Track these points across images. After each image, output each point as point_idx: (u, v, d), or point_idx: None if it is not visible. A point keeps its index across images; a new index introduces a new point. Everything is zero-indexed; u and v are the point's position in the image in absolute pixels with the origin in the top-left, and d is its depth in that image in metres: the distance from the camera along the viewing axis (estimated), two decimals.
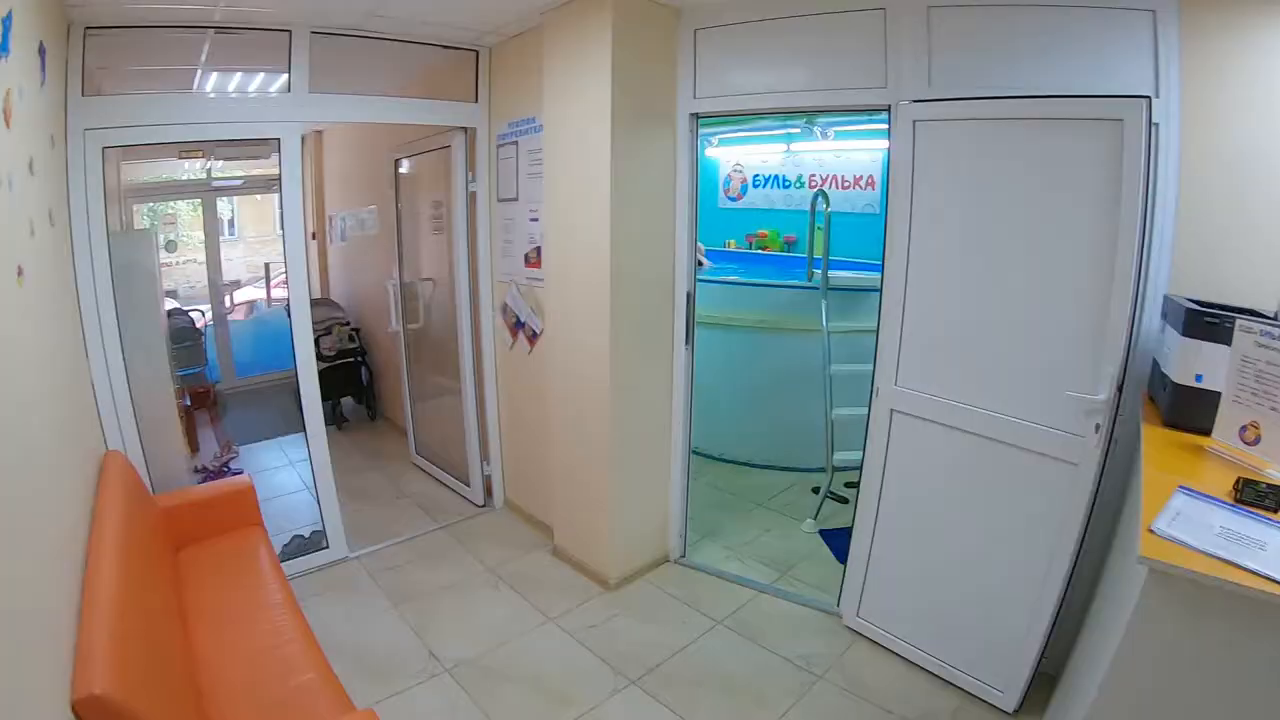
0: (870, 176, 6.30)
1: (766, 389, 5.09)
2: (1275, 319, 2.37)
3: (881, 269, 3.07)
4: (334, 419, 6.12)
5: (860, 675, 3.11)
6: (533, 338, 4.10)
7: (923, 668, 3.12)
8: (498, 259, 4.32)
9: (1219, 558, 1.59)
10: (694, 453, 4.00)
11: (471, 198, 4.29)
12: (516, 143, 4.01)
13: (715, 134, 6.72)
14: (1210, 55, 2.62)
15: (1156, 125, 2.59)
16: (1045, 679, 2.91)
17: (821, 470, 4.52)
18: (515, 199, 4.07)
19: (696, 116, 3.53)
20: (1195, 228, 2.70)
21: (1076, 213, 2.54)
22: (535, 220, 3.92)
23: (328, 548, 3.92)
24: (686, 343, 3.71)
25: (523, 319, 4.16)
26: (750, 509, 4.65)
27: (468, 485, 4.71)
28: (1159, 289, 2.73)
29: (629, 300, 3.44)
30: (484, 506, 4.64)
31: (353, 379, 6.31)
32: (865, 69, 3.05)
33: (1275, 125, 2.58)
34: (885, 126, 3.04)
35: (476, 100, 4.19)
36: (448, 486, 4.92)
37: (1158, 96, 2.62)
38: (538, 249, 3.93)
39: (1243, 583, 1.53)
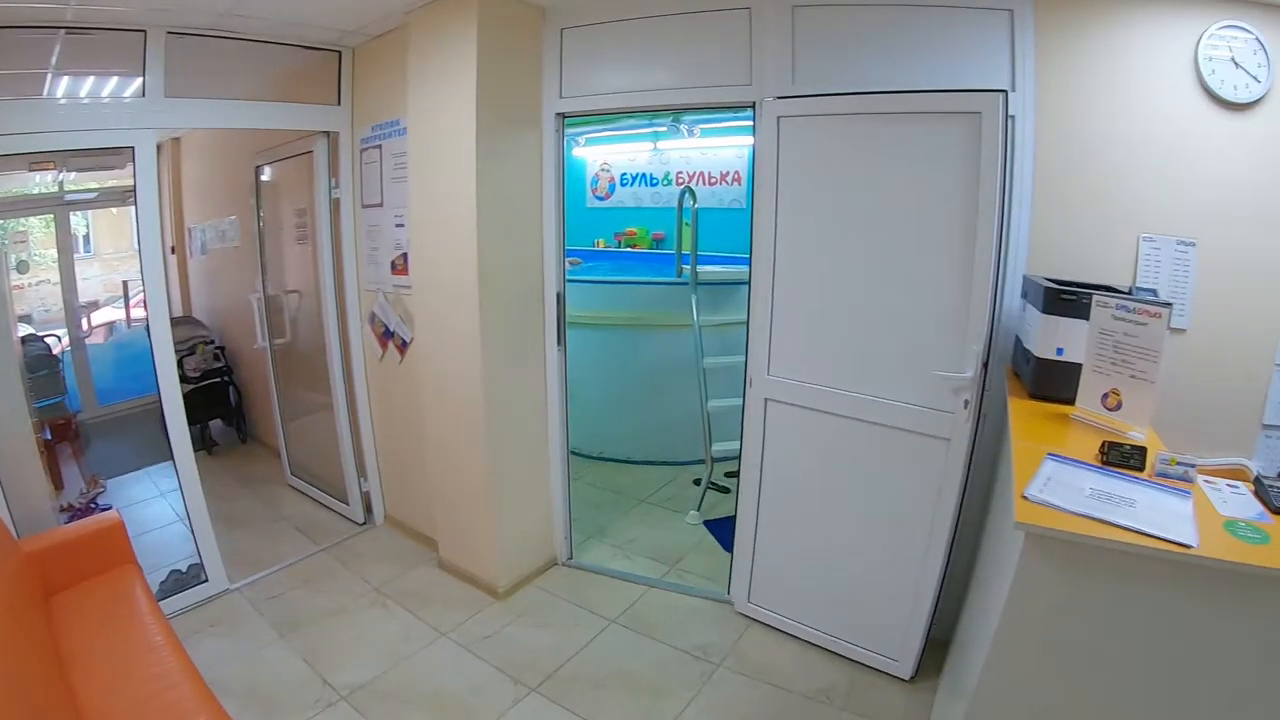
0: (736, 172, 6.33)
1: (642, 386, 5.04)
2: (1129, 293, 2.50)
3: (749, 262, 3.06)
4: (203, 443, 5.63)
5: (757, 659, 3.09)
6: (403, 347, 3.88)
7: (817, 645, 3.14)
8: (364, 267, 4.06)
9: (1092, 517, 1.62)
10: (573, 453, 3.89)
11: (335, 204, 4.01)
12: (380, 146, 3.78)
13: (582, 133, 6.60)
14: (1064, 51, 2.77)
15: (1013, 117, 2.71)
16: (937, 645, 2.98)
17: (701, 462, 4.50)
18: (380, 204, 3.84)
19: (562, 116, 3.41)
20: (1051, 211, 2.84)
21: (938, 201, 2.60)
22: (401, 226, 3.71)
23: (207, 581, 3.57)
24: (559, 344, 3.59)
25: (391, 328, 3.94)
26: (633, 505, 4.57)
27: (346, 504, 4.41)
28: (1018, 270, 2.84)
29: (499, 304, 3.29)
30: (365, 524, 4.36)
31: (220, 400, 5.82)
32: (731, 67, 3.03)
33: (1124, 115, 2.76)
34: (751, 123, 3.03)
35: (339, 103, 3.93)
36: (326, 506, 4.59)
37: (1014, 90, 2.74)
38: (404, 255, 3.72)
39: (1116, 538, 1.57)
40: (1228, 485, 1.91)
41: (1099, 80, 2.78)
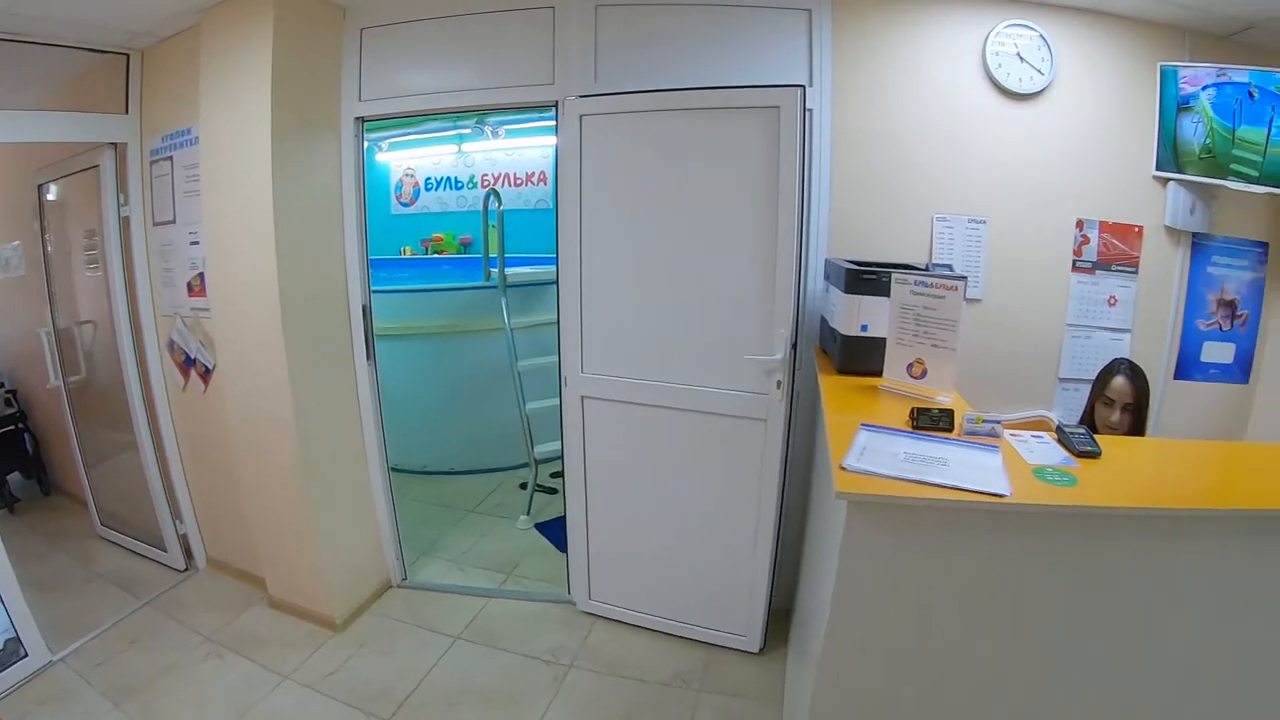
0: (542, 172, 6.19)
1: (459, 394, 4.82)
2: (926, 270, 2.60)
3: (556, 262, 2.97)
4: (1, 501, 4.85)
5: (608, 654, 3.01)
6: (206, 374, 3.46)
7: (666, 633, 3.10)
8: (159, 290, 3.59)
9: (908, 479, 1.63)
10: (395, 470, 3.62)
11: (125, 223, 3.53)
12: (171, 158, 3.35)
13: (385, 138, 6.25)
14: (860, 48, 2.87)
15: (811, 110, 2.76)
16: (781, 615, 3.03)
17: (525, 466, 4.36)
18: (173, 221, 3.40)
19: (362, 120, 3.15)
20: (849, 197, 2.94)
21: (742, 192, 2.61)
22: (196, 244, 3.29)
23: (27, 656, 3.00)
24: (369, 358, 3.33)
25: (192, 355, 3.51)
26: (462, 517, 4.36)
27: (164, 550, 3.90)
28: (820, 254, 2.91)
29: (302, 320, 3.01)
30: (186, 570, 3.87)
31: (15, 450, 4.96)
32: (534, 66, 2.92)
33: (918, 106, 2.92)
34: (554, 123, 2.92)
35: (127, 111, 3.44)
36: (143, 556, 4.03)
37: (812, 85, 2.81)
38: (201, 276, 3.31)
39: (934, 496, 1.59)
40: (1033, 436, 1.99)
41: (893, 74, 2.91)
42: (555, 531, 3.88)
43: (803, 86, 2.49)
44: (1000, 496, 1.58)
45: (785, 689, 2.78)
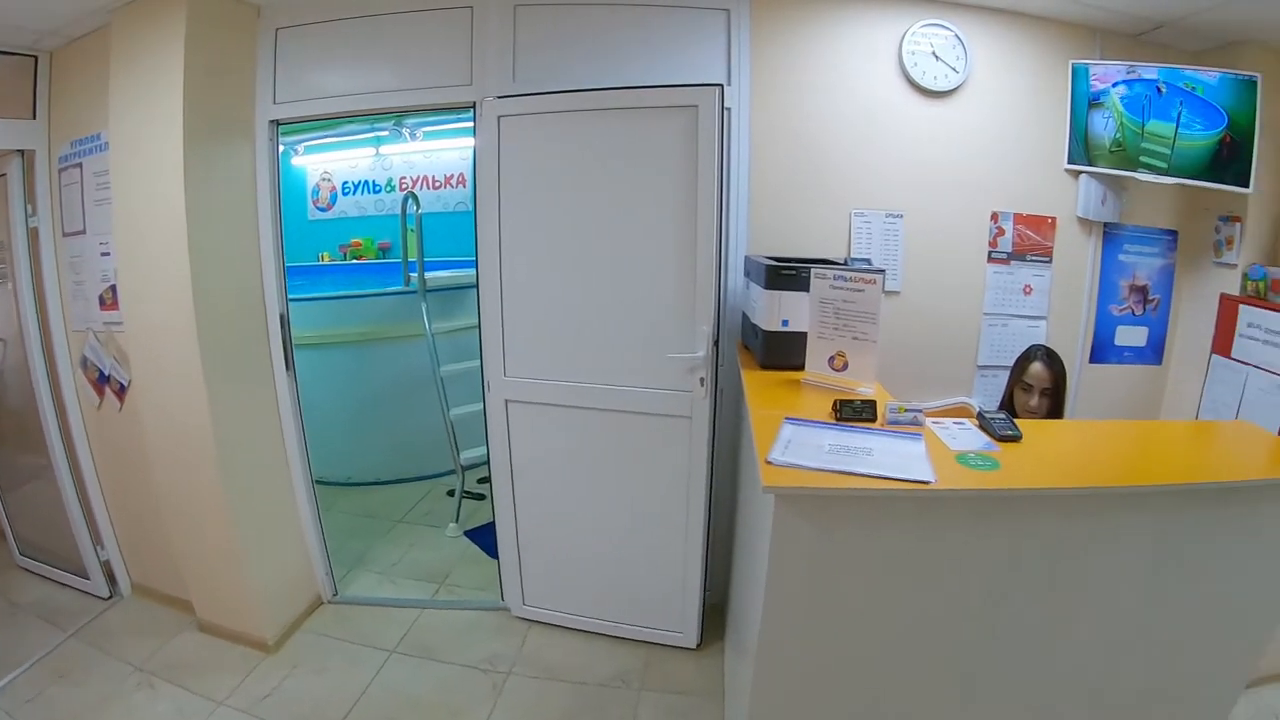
0: (461, 174, 6.08)
1: (381, 402, 4.69)
2: (845, 264, 2.63)
3: (476, 265, 2.91)
4: None
5: (547, 659, 2.97)
6: (121, 391, 3.29)
7: (602, 634, 3.07)
8: (70, 304, 3.41)
9: (834, 470, 1.63)
10: (320, 483, 3.50)
11: (33, 234, 3.34)
12: (81, 164, 3.17)
13: (301, 141, 6.03)
14: (778, 47, 2.89)
15: (729, 109, 2.77)
16: (716, 610, 3.03)
17: (452, 473, 4.27)
18: (83, 232, 3.23)
19: (277, 124, 3.03)
20: (768, 194, 2.96)
21: (661, 192, 2.60)
22: (108, 255, 3.13)
23: None
24: (288, 369, 3.20)
25: (106, 371, 3.33)
26: (391, 528, 4.24)
27: (86, 578, 3.70)
28: (740, 251, 2.92)
29: (219, 331, 2.89)
30: (111, 598, 3.67)
31: None
32: (452, 67, 2.86)
33: (835, 103, 2.96)
34: (472, 124, 2.87)
35: (35, 116, 3.25)
36: (66, 585, 3.81)
37: (730, 84, 2.81)
38: (113, 288, 3.15)
39: (860, 486, 1.59)
40: (954, 423, 2.02)
41: (812, 73, 2.93)
42: (486, 538, 3.79)
43: (721, 86, 2.49)
44: (925, 483, 1.60)
45: (725, 682, 2.77)
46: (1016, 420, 2.00)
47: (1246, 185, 2.87)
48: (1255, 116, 2.82)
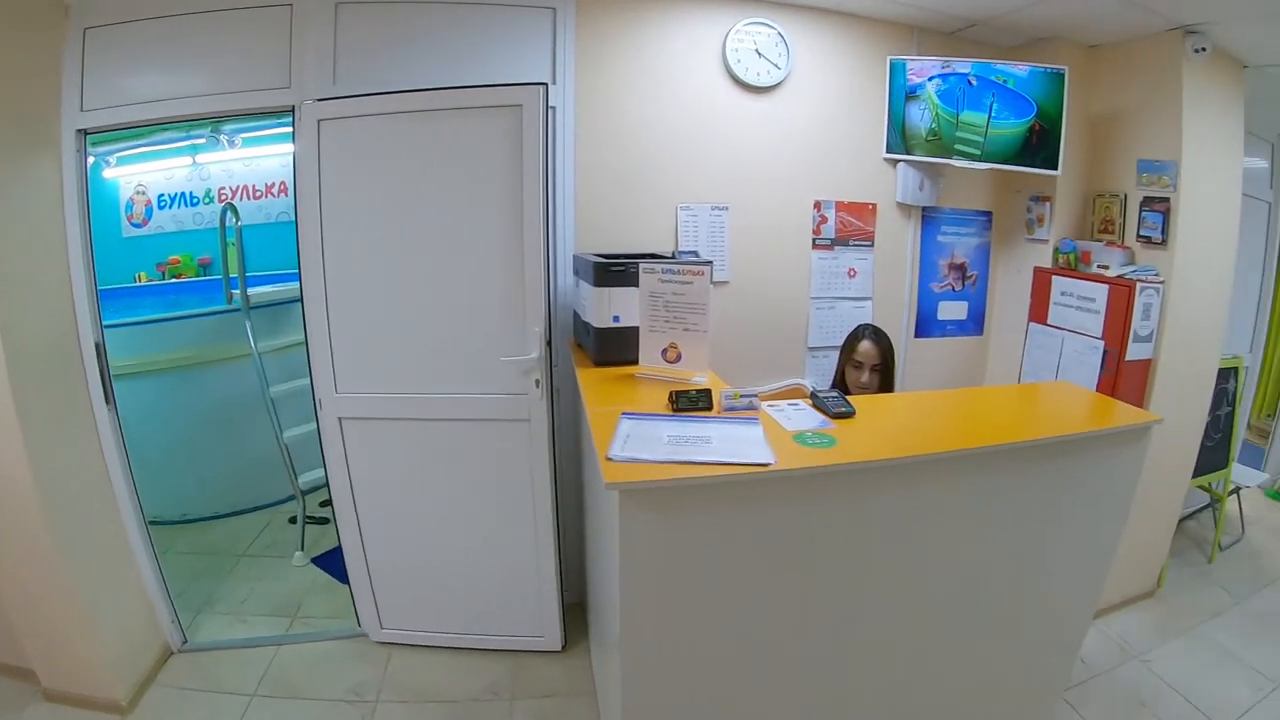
0: (283, 183, 5.69)
1: (211, 430, 4.31)
2: (673, 257, 2.67)
3: (299, 278, 2.74)
4: None
5: (413, 682, 2.85)
6: None
7: (467, 648, 2.99)
8: None
9: (675, 461, 1.64)
10: (154, 524, 3.15)
11: None
12: None
13: (113, 151, 5.50)
14: (604, 45, 2.88)
15: (554, 108, 2.75)
16: (577, 609, 3.03)
17: (293, 499, 4.03)
18: None
19: (84, 133, 2.71)
20: (595, 192, 2.95)
21: (488, 193, 2.53)
22: None
23: None
24: (107, 401, 2.86)
25: None
26: (234, 564, 3.90)
27: None
28: (569, 249, 2.90)
29: (30, 369, 2.55)
30: None
31: None
32: (270, 69, 2.67)
33: (660, 100, 2.99)
34: (292, 129, 2.69)
35: None
36: None
37: (555, 83, 2.78)
38: None
39: (702, 474, 1.61)
40: (789, 405, 2.08)
41: (638, 72, 2.94)
42: (334, 564, 3.54)
43: (545, 84, 2.45)
44: (765, 466, 1.64)
45: (596, 680, 2.75)
46: (849, 397, 2.09)
47: (1055, 168, 3.12)
48: (1062, 105, 3.06)
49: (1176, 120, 3.06)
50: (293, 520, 4.05)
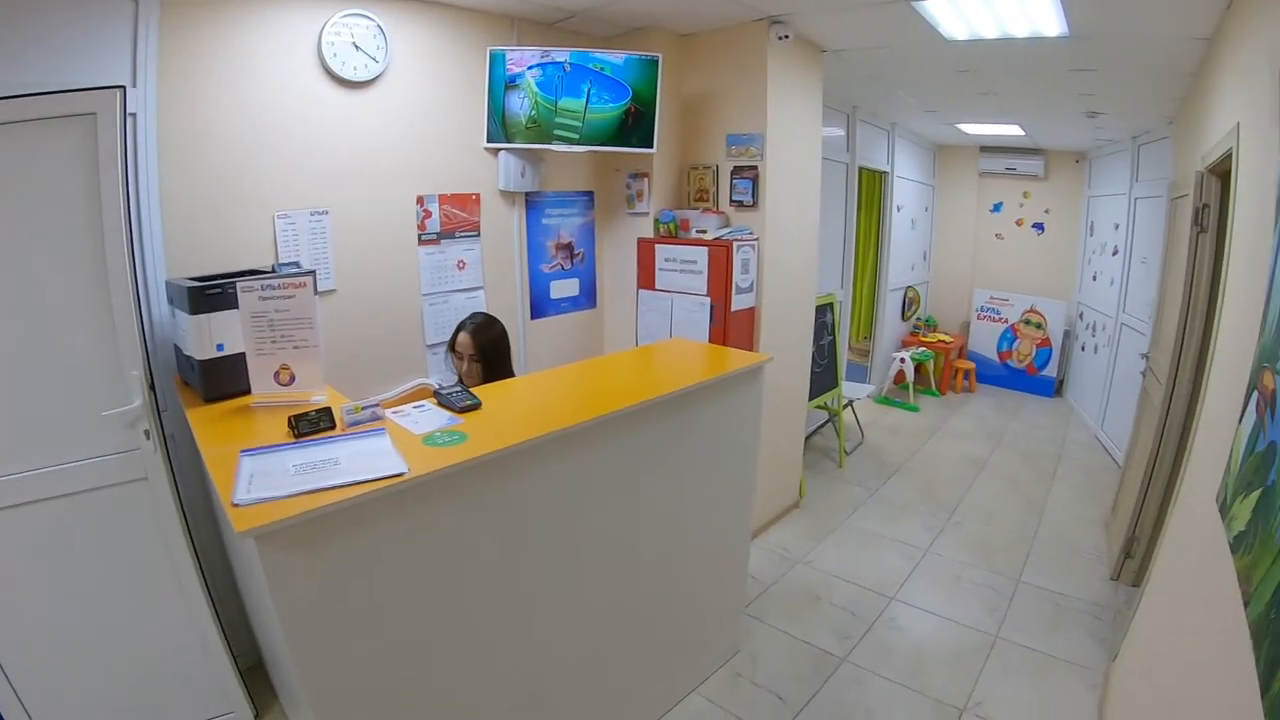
0: None
1: None
2: (273, 271, 2.47)
3: None
4: None
5: None
6: None
7: None
8: None
9: (305, 491, 1.51)
10: None
11: None
12: None
13: None
14: (190, 42, 2.50)
15: (134, 114, 2.33)
16: (259, 671, 2.73)
17: None
18: None
19: None
20: (185, 207, 2.56)
21: (58, 222, 2.07)
22: None
23: None
24: None
25: None
26: None
27: None
28: (160, 276, 2.50)
29: None
30: None
31: None
32: None
33: (253, 101, 2.69)
34: None
35: None
36: None
37: (135, 86, 2.34)
38: None
39: (336, 499, 1.51)
40: (414, 408, 2.05)
41: (228, 71, 2.61)
42: None
43: (123, 88, 2.06)
44: (399, 476, 1.59)
45: None
46: (474, 389, 2.11)
47: (651, 146, 3.42)
48: (656, 89, 3.36)
49: (762, 98, 3.53)
50: None
